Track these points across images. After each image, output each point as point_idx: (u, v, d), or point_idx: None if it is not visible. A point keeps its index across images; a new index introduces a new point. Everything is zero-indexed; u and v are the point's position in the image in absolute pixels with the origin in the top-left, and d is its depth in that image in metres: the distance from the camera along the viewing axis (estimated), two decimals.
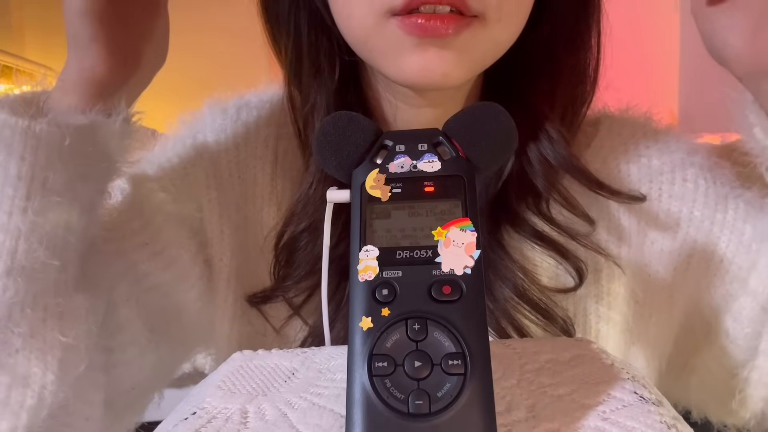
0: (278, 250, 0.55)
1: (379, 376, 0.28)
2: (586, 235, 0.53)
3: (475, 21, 0.43)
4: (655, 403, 0.32)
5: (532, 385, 0.35)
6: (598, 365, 0.36)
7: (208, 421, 0.33)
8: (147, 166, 0.57)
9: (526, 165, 0.53)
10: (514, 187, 0.53)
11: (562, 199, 0.53)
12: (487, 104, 0.36)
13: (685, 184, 0.53)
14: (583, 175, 0.53)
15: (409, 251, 0.31)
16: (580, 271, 0.52)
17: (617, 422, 0.31)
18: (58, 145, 0.41)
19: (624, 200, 0.53)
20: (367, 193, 0.33)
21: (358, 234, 0.32)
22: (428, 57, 0.44)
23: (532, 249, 0.53)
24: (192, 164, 0.57)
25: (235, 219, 0.57)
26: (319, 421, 0.32)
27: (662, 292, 0.55)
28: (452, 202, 0.32)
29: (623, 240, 0.54)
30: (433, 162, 0.33)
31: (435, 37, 0.43)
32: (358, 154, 0.35)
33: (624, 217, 0.55)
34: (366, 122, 0.35)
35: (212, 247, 0.56)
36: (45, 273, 0.42)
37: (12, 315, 0.41)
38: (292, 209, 0.54)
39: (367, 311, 0.30)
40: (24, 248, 0.41)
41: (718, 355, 0.53)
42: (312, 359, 0.40)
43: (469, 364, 0.28)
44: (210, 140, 0.58)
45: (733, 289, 0.52)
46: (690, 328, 0.56)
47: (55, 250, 0.43)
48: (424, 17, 0.42)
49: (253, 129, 0.59)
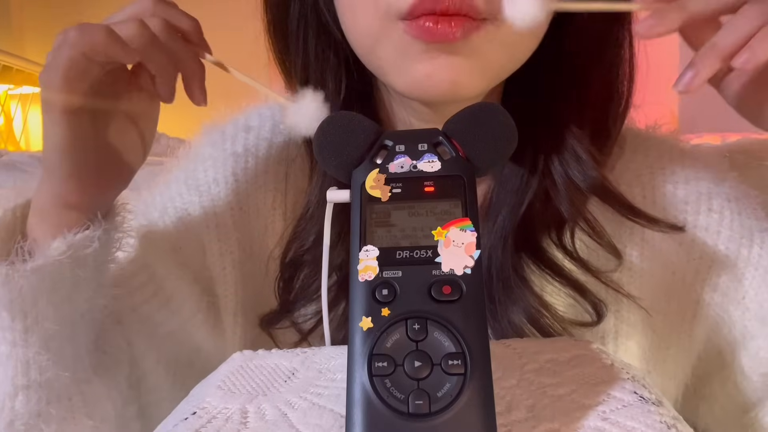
0: (283, 267, 0.54)
1: (379, 376, 0.28)
2: (609, 271, 0.50)
3: (485, 23, 0.41)
4: (655, 403, 0.32)
5: (532, 385, 0.35)
6: (598, 365, 0.36)
7: (208, 421, 0.33)
8: (152, 211, 0.56)
9: (551, 188, 0.50)
10: (538, 213, 0.50)
11: (589, 228, 0.50)
12: (487, 104, 0.36)
13: (710, 215, 0.51)
14: (615, 201, 0.50)
15: (409, 251, 0.31)
16: (598, 310, 0.50)
17: (617, 422, 0.31)
18: (42, 288, 0.41)
19: (662, 229, 0.51)
20: (367, 193, 0.33)
21: (358, 234, 0.32)
22: (436, 64, 0.42)
23: (552, 279, 0.51)
24: (192, 204, 0.56)
25: (237, 253, 0.56)
26: (319, 421, 0.32)
27: (682, 324, 0.53)
28: (452, 202, 0.32)
29: (641, 269, 0.52)
30: (433, 162, 0.33)
31: (443, 42, 0.41)
32: (358, 154, 0.35)
33: (644, 245, 0.52)
34: (366, 122, 0.35)
35: (217, 286, 0.56)
36: (61, 377, 0.43)
37: (41, 414, 0.42)
38: (295, 228, 0.54)
39: (367, 311, 0.30)
40: (36, 367, 0.42)
41: (731, 391, 0.52)
42: (312, 359, 0.40)
43: (469, 364, 0.28)
44: (209, 176, 0.56)
45: (752, 327, 0.50)
46: (706, 359, 0.54)
47: (65, 354, 0.43)
48: (432, 19, 0.40)
49: (254, 156, 0.57)
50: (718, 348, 0.53)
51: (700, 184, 0.52)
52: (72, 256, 0.42)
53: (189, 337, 0.55)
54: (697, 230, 0.52)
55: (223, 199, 0.56)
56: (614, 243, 0.51)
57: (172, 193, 0.57)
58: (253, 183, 0.56)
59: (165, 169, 0.59)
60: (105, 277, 0.47)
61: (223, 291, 0.56)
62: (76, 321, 0.44)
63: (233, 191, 0.56)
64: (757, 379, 0.50)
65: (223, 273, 0.56)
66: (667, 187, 0.53)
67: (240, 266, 0.56)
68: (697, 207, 0.52)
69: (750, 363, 0.51)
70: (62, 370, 0.43)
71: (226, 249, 0.56)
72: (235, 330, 0.57)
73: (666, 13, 0.37)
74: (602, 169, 0.51)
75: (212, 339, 0.56)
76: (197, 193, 0.56)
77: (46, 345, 0.42)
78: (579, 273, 0.50)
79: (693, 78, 0.37)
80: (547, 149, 0.49)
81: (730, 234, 0.51)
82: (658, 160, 0.54)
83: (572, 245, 0.50)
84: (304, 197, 0.55)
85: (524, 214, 0.50)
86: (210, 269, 0.56)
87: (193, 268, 0.55)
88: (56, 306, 0.42)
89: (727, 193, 0.52)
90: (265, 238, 0.56)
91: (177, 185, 0.57)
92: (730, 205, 0.51)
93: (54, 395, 0.43)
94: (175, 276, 0.54)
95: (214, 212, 0.56)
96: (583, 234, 0.50)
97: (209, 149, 0.58)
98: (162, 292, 0.53)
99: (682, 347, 0.54)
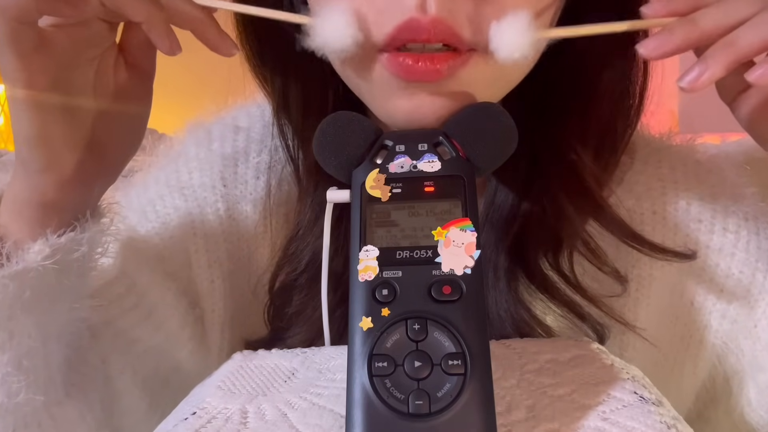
0: (273, 294, 0.50)
1: (379, 376, 0.28)
2: (614, 295, 0.46)
3: (473, 55, 0.35)
4: (655, 403, 0.32)
5: (532, 385, 0.35)
6: (598, 365, 0.36)
7: (208, 421, 0.33)
8: (129, 214, 0.51)
9: (548, 207, 0.45)
10: (533, 233, 0.46)
11: (588, 252, 0.46)
12: (487, 104, 0.36)
13: (725, 235, 0.48)
14: (616, 227, 0.46)
15: (409, 251, 0.31)
16: (600, 334, 0.47)
17: (617, 422, 0.31)
18: (22, 298, 0.36)
19: (669, 258, 0.46)
20: (367, 193, 0.33)
21: (358, 234, 0.32)
22: (418, 102, 0.36)
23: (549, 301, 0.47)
24: (176, 209, 0.51)
25: (227, 264, 0.52)
26: (319, 421, 0.32)
27: (688, 348, 0.51)
28: (452, 202, 0.32)
29: (650, 290, 0.49)
30: (433, 162, 0.33)
31: (424, 82, 0.35)
32: (358, 154, 0.35)
33: (653, 265, 0.48)
34: (366, 122, 0.35)
35: (203, 300, 0.52)
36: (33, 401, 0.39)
37: None
38: (286, 250, 0.49)
39: (367, 311, 0.30)
40: (4, 390, 0.37)
41: (738, 422, 0.50)
42: (312, 359, 0.40)
43: (469, 364, 0.28)
44: (194, 179, 0.52)
45: (762, 359, 0.47)
46: (711, 386, 0.52)
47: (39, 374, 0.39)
48: (412, 57, 0.34)
49: (243, 159, 0.52)
50: (725, 375, 0.50)
51: (715, 200, 0.48)
52: (58, 261, 0.37)
53: (171, 354, 0.51)
54: (710, 251, 0.48)
55: (211, 205, 0.51)
56: (617, 267, 0.47)
57: (151, 195, 0.52)
58: (242, 189, 0.52)
59: (141, 168, 0.54)
60: (87, 286, 0.42)
61: (210, 305, 0.52)
62: (52, 336, 0.40)
63: (222, 196, 0.52)
64: (766, 414, 0.48)
65: (212, 286, 0.51)
66: (680, 203, 0.48)
67: (229, 278, 0.52)
68: (711, 226, 0.48)
69: (758, 397, 0.48)
70: (34, 393, 0.38)
71: (214, 259, 0.51)
72: (222, 346, 0.52)
73: (674, 30, 0.33)
74: (603, 190, 0.46)
75: (196, 356, 0.52)
76: (182, 197, 0.52)
77: (18, 364, 0.37)
78: (578, 297, 0.46)
79: (701, 75, 0.32)
80: (545, 165, 0.45)
81: (745, 257, 0.47)
82: (671, 172, 0.49)
83: (570, 269, 0.46)
84: (294, 216, 0.50)
85: (518, 231, 0.46)
86: (196, 284, 0.51)
87: (179, 279, 0.51)
88: (36, 319, 0.38)
89: (745, 212, 0.48)
90: (255, 252, 0.52)
91: (157, 187, 0.52)
92: (747, 224, 0.48)
93: (22, 421, 0.38)
94: (159, 287, 0.49)
95: (202, 219, 0.51)
96: (583, 258, 0.46)
97: (194, 149, 0.53)
98: (143, 305, 0.48)
99: (687, 372, 0.51)
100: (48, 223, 0.37)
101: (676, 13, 0.33)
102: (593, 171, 0.45)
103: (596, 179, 0.45)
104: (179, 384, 0.51)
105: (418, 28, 0.33)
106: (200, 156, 0.52)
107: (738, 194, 0.49)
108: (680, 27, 0.33)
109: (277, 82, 0.47)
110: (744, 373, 0.49)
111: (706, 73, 0.32)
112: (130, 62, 0.38)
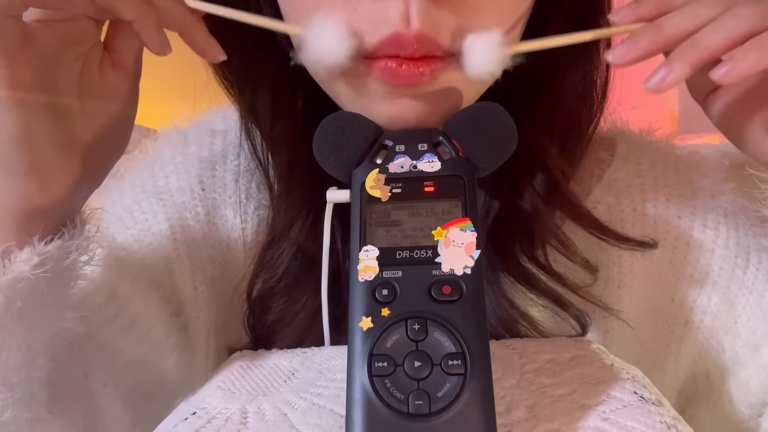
0: (251, 302, 0.49)
1: (379, 376, 0.28)
2: (587, 285, 0.47)
3: (452, 59, 0.35)
4: (655, 403, 0.32)
5: (532, 385, 0.35)
6: (598, 365, 0.36)
7: (208, 421, 0.33)
8: (106, 223, 0.48)
9: (519, 201, 0.46)
10: (507, 226, 0.46)
11: (558, 244, 0.46)
12: (487, 104, 0.36)
13: (705, 231, 0.48)
14: (582, 219, 0.47)
15: (409, 251, 0.31)
16: (581, 322, 0.47)
17: (617, 422, 0.31)
18: (11, 309, 0.35)
19: (632, 247, 0.47)
20: (367, 193, 0.33)
21: (358, 234, 0.32)
22: (400, 106, 0.36)
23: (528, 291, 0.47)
24: (155, 214, 0.50)
25: (209, 270, 0.51)
26: (319, 421, 0.32)
27: (669, 344, 0.51)
28: (452, 202, 0.32)
29: (631, 286, 0.49)
30: (433, 162, 0.33)
31: (408, 86, 0.35)
32: (358, 154, 0.35)
33: (634, 262, 0.49)
34: (366, 122, 0.35)
35: (187, 307, 0.50)
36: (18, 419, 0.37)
37: None
38: (261, 257, 0.48)
39: (367, 311, 0.30)
40: None
41: (719, 419, 0.50)
42: (312, 359, 0.40)
43: (469, 364, 0.28)
44: (172, 183, 0.51)
45: (743, 354, 0.47)
46: (693, 382, 0.52)
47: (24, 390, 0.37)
48: (395, 61, 0.34)
49: (220, 162, 0.51)
50: (706, 371, 0.50)
51: (696, 196, 0.49)
52: (50, 270, 0.35)
53: (155, 365, 0.50)
54: (690, 248, 0.48)
55: (190, 210, 0.50)
56: (586, 258, 0.47)
57: (127, 202, 0.51)
58: (221, 193, 0.51)
59: (115, 175, 0.50)
60: (71, 296, 0.41)
61: (194, 312, 0.50)
62: (39, 349, 0.38)
63: (201, 200, 0.51)
64: (746, 410, 0.48)
65: (195, 293, 0.50)
66: (659, 199, 0.49)
67: (212, 284, 0.51)
68: (690, 222, 0.49)
69: (739, 393, 0.48)
70: (20, 411, 0.36)
71: (197, 265, 0.50)
72: (208, 354, 0.51)
73: (640, 36, 0.33)
74: (569, 182, 0.47)
75: (181, 365, 0.51)
76: (159, 202, 0.50)
77: (5, 379, 0.36)
78: (558, 285, 0.47)
79: (666, 76, 0.32)
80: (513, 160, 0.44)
81: (724, 253, 0.48)
82: (651, 168, 0.50)
83: (545, 259, 0.46)
84: (268, 223, 0.48)
85: (492, 224, 0.47)
86: (179, 291, 0.50)
87: (162, 286, 0.50)
88: (25, 330, 0.36)
89: (724, 208, 0.48)
90: (236, 257, 0.51)
91: (133, 192, 0.51)
92: (726, 220, 0.48)
93: None
94: (142, 296, 0.48)
95: (182, 224, 0.50)
96: (555, 251, 0.47)
97: (170, 153, 0.52)
98: (124, 315, 0.47)
99: (669, 368, 0.51)
100: (33, 230, 0.36)
101: (642, 18, 0.34)
102: (559, 164, 0.46)
103: (563, 172, 0.46)
104: (162, 396, 0.51)
105: (402, 42, 0.34)
106: (176, 159, 0.51)
107: (717, 190, 0.49)
108: (646, 33, 0.33)
109: (242, 88, 0.46)
110: (725, 369, 0.49)
111: (671, 74, 0.32)
112: (116, 62, 0.37)
